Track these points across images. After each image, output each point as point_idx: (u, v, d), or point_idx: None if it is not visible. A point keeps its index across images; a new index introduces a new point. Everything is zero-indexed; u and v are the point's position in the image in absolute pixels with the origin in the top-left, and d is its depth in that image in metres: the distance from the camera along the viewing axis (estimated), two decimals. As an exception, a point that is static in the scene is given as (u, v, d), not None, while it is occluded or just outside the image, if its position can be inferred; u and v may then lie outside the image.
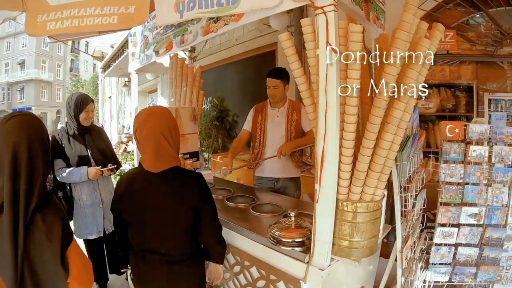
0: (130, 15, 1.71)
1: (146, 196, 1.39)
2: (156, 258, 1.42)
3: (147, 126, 1.37)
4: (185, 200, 1.38)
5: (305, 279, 1.45)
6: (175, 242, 1.44)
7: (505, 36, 2.91)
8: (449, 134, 1.92)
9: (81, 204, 2.36)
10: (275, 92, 2.65)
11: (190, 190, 1.40)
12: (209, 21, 1.92)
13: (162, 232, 1.41)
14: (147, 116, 1.41)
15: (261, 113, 2.81)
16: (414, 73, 1.31)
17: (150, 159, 1.36)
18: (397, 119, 1.35)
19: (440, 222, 1.90)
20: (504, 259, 1.86)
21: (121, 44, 6.43)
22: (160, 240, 1.42)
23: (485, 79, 3.04)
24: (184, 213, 1.39)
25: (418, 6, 1.29)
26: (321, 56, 1.32)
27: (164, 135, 1.36)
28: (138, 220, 1.43)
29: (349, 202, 1.41)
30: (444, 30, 1.52)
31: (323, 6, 1.29)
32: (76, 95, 2.38)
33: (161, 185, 1.38)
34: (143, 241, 1.45)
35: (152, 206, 1.39)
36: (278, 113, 2.74)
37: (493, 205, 1.85)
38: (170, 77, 2.97)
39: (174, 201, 1.38)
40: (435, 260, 1.90)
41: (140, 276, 1.51)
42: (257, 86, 5.32)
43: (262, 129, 2.77)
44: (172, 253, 1.43)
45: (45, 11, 1.73)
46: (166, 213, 1.39)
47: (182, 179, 1.42)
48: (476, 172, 1.89)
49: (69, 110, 2.33)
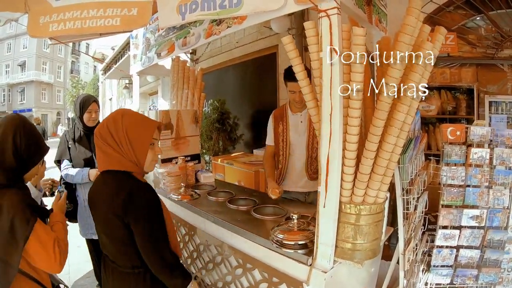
0: (132, 18, 1.72)
1: (91, 197, 1.39)
2: (109, 264, 1.36)
3: None
4: (113, 210, 1.24)
5: (308, 281, 1.45)
6: (118, 250, 1.32)
7: (506, 39, 2.92)
8: (450, 137, 1.93)
9: (85, 204, 2.36)
10: (302, 97, 2.42)
11: (118, 201, 1.23)
12: (212, 23, 1.93)
13: (104, 237, 1.35)
14: None
15: (281, 121, 2.46)
16: (417, 76, 1.32)
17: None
18: (400, 122, 1.36)
19: (442, 224, 1.91)
20: (506, 261, 1.86)
21: (122, 46, 6.45)
22: (106, 246, 1.37)
23: (486, 82, 3.05)
24: (115, 223, 1.25)
25: (420, 9, 1.29)
26: (325, 59, 1.32)
27: (104, 138, 1.31)
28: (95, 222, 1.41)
29: (352, 204, 1.41)
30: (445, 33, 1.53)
31: (326, 9, 1.30)
32: (81, 96, 2.43)
33: (101, 187, 1.35)
34: (100, 244, 1.43)
35: (94, 209, 1.37)
36: (301, 118, 2.38)
37: (494, 207, 1.85)
38: (172, 79, 2.97)
39: (106, 208, 1.27)
40: (436, 262, 1.90)
41: (102, 280, 1.46)
42: (258, 89, 5.35)
43: (284, 141, 2.44)
44: (118, 263, 1.33)
45: (47, 13, 1.74)
46: (104, 220, 1.31)
47: (115, 186, 1.29)
48: (477, 174, 1.89)
49: (76, 112, 2.38)
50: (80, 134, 2.38)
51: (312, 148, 2.34)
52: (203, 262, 2.11)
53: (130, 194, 1.23)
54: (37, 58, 29.22)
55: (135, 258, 1.28)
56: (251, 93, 5.50)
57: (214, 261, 2.01)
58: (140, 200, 1.24)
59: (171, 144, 2.78)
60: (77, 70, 35.23)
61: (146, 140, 1.34)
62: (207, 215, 2.06)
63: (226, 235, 1.90)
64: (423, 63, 1.28)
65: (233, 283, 1.88)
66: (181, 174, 2.64)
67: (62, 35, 1.74)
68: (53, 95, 32.08)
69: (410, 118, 1.40)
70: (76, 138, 2.37)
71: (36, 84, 29.44)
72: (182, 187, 2.44)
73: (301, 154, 2.38)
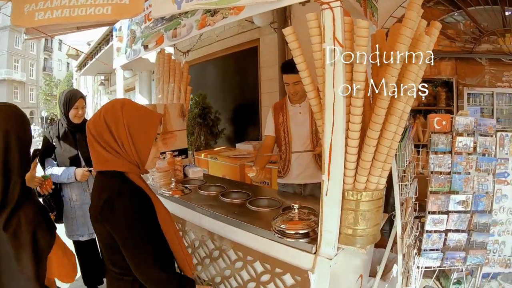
0: (124, 6, 1.64)
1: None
2: (108, 267, 1.24)
3: None
4: (95, 215, 1.13)
5: (313, 269, 1.47)
6: (107, 255, 1.20)
7: (483, 34, 3.10)
8: (437, 126, 2.03)
9: (71, 205, 2.27)
10: (296, 88, 2.31)
11: (98, 205, 1.10)
12: (206, 14, 1.89)
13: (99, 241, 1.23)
14: None
15: (281, 112, 2.48)
16: (415, 67, 1.37)
17: None
18: (400, 111, 1.40)
19: (431, 210, 2.01)
20: (491, 243, 1.99)
21: (98, 41, 6.18)
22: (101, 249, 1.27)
23: (464, 75, 3.22)
24: (99, 228, 1.14)
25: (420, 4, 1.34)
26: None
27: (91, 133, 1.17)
28: None
29: (355, 191, 1.44)
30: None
31: (329, 1, 1.31)
32: (66, 91, 2.31)
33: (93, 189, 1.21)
34: None
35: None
36: (300, 109, 2.42)
37: (479, 193, 1.97)
38: (157, 73, 2.89)
39: (92, 212, 1.15)
40: (427, 246, 2.00)
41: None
42: (239, 83, 5.33)
43: (285, 131, 2.46)
44: (110, 267, 1.21)
45: (32, 1, 1.64)
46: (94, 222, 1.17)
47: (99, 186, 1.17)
48: (463, 161, 2.00)
49: (60, 108, 2.25)
50: (64, 131, 2.26)
51: (317, 140, 2.35)
52: (199, 257, 2.08)
53: (110, 199, 1.08)
54: (8, 55, 27.59)
55: (123, 264, 1.14)
56: (232, 87, 5.47)
57: (211, 256, 1.99)
58: (120, 206, 1.08)
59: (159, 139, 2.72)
60: (50, 67, 33.65)
61: (151, 135, 1.18)
62: (202, 210, 2.03)
63: (224, 228, 1.88)
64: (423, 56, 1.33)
65: (232, 277, 1.87)
66: (170, 170, 2.59)
67: (49, 24, 1.63)
68: (26, 93, 30.42)
69: (409, 107, 1.45)
70: (60, 136, 2.24)
71: (8, 82, 27.86)
72: (173, 182, 2.39)
73: (305, 146, 2.39)
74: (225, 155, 4.03)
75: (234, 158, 3.86)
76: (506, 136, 2.00)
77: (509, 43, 3.13)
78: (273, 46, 4.38)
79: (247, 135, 5.13)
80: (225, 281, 1.93)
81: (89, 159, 2.24)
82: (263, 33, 4.58)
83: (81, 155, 2.29)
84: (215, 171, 4.03)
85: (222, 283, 1.95)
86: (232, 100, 5.49)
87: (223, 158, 3.92)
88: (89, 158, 2.25)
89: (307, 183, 2.44)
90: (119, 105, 1.16)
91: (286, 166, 2.49)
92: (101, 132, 1.14)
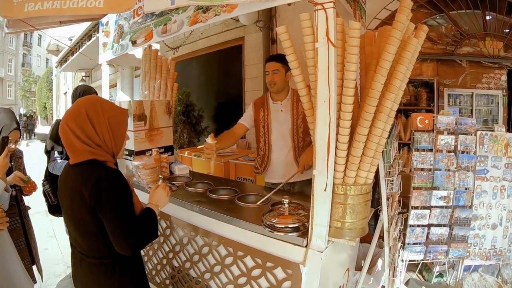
0: (117, 0, 1.63)
1: (61, 188, 1.33)
2: (77, 254, 1.32)
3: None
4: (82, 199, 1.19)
5: (304, 262, 1.50)
6: (85, 241, 1.28)
7: (464, 37, 3.24)
8: (419, 125, 2.11)
9: None
10: (274, 78, 2.30)
11: (86, 187, 1.18)
12: (197, 11, 1.89)
13: (72, 228, 1.31)
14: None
15: (262, 108, 2.45)
16: (403, 68, 1.43)
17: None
18: (388, 109, 1.46)
19: (414, 205, 2.09)
20: (472, 237, 2.09)
21: (80, 36, 6.02)
22: (74, 236, 1.33)
23: (445, 76, 3.36)
24: (83, 212, 1.21)
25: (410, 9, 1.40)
26: (321, 49, 1.38)
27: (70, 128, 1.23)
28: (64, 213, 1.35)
29: (345, 185, 1.49)
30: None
31: (323, 2, 1.35)
32: (80, 86, 2.35)
33: (69, 178, 1.28)
34: (69, 234, 1.40)
35: (62, 199, 1.32)
36: (281, 107, 2.40)
37: (460, 189, 2.07)
38: (144, 69, 2.86)
39: (73, 198, 1.23)
40: (410, 240, 2.08)
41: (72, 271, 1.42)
42: (223, 81, 5.33)
43: (266, 127, 2.43)
44: (85, 253, 1.29)
45: None
46: (71, 210, 1.26)
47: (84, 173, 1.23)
48: (444, 159, 2.09)
49: (73, 101, 2.26)
50: None
51: (298, 138, 2.35)
52: (188, 254, 2.08)
53: (101, 180, 1.19)
54: None
55: (102, 248, 1.24)
56: (216, 85, 5.47)
57: (200, 253, 1.99)
58: (111, 185, 1.20)
59: (145, 136, 2.68)
60: (28, 63, 32.51)
61: (125, 128, 1.37)
62: (191, 206, 2.03)
63: (213, 224, 1.89)
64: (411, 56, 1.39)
65: (222, 272, 1.88)
66: (157, 166, 2.57)
67: (39, 15, 1.59)
68: (4, 90, 29.35)
69: (396, 105, 1.51)
70: None
71: None
72: (160, 179, 2.37)
73: (286, 145, 2.38)
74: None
75: (218, 156, 3.85)
76: (486, 135, 2.10)
77: (489, 46, 3.28)
78: (258, 45, 4.41)
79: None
80: (215, 277, 1.93)
81: None
82: (248, 31, 4.60)
83: None
84: (199, 168, 4.01)
85: (212, 279, 1.95)
86: (215, 97, 5.49)
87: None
88: None
89: (296, 181, 2.42)
90: (97, 102, 1.28)
91: (264, 163, 2.50)
92: (82, 126, 1.23)
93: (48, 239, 3.87)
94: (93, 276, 1.29)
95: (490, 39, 3.27)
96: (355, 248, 2.09)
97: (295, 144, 2.37)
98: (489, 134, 2.15)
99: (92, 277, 1.29)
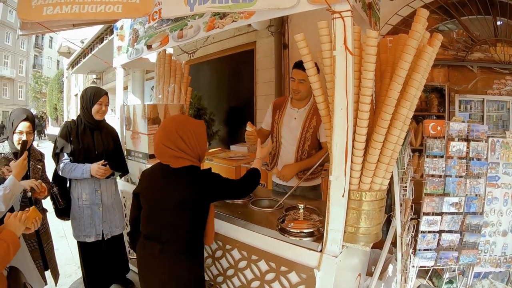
0: (135, 5, 1.64)
1: (159, 187, 1.57)
2: (157, 246, 1.53)
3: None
4: (193, 193, 1.52)
5: (318, 267, 1.52)
6: (176, 231, 1.54)
7: (476, 43, 3.24)
8: (432, 131, 2.12)
9: (79, 204, 2.24)
10: (300, 87, 2.31)
11: (198, 184, 1.54)
12: (214, 16, 1.92)
13: (161, 222, 1.55)
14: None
15: (279, 110, 2.50)
16: (418, 76, 1.45)
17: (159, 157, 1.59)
18: (403, 116, 1.48)
19: (425, 211, 2.09)
20: (482, 243, 2.09)
21: (92, 39, 6.09)
22: (163, 227, 1.55)
23: (456, 82, 3.35)
24: (189, 203, 1.52)
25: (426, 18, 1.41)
26: (339, 57, 1.40)
27: (167, 146, 1.53)
28: (151, 207, 1.61)
29: (360, 191, 1.51)
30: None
31: (341, 11, 1.37)
32: (90, 87, 2.32)
33: (170, 179, 1.56)
34: (149, 225, 1.61)
35: (163, 194, 1.55)
36: (296, 115, 2.40)
37: (471, 195, 2.07)
38: (158, 73, 2.90)
39: (181, 193, 1.52)
40: (421, 246, 2.09)
41: (140, 263, 1.65)
42: (235, 85, 5.35)
43: (277, 129, 2.47)
44: (172, 242, 1.53)
45: None
46: (173, 203, 1.52)
47: (189, 175, 1.55)
48: (456, 165, 2.10)
49: (83, 103, 2.25)
50: (84, 128, 2.25)
51: (302, 151, 2.37)
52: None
53: (208, 174, 1.60)
54: None
55: (189, 237, 1.56)
56: (227, 89, 5.49)
57: (214, 256, 2.01)
58: (216, 175, 1.61)
59: (159, 139, 2.72)
60: (39, 64, 32.95)
61: (206, 136, 1.64)
62: (206, 210, 2.06)
63: (228, 228, 1.91)
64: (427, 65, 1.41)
65: (235, 276, 1.91)
66: (170, 169, 2.60)
67: (57, 19, 1.62)
68: (15, 90, 29.85)
69: (411, 113, 1.53)
70: (79, 132, 2.23)
71: None
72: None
73: (290, 153, 2.41)
74: (221, 157, 4.04)
75: (230, 160, 3.88)
76: (497, 142, 2.11)
77: (500, 52, 3.27)
78: (269, 50, 4.44)
79: (241, 137, 5.16)
80: (228, 281, 1.96)
81: (104, 157, 2.26)
82: (260, 36, 4.63)
83: (97, 153, 2.27)
84: (211, 172, 4.04)
85: (225, 283, 1.98)
86: (226, 101, 5.52)
87: (219, 160, 3.93)
88: (104, 157, 2.27)
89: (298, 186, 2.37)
90: (183, 120, 1.62)
91: (273, 162, 2.56)
92: (175, 142, 1.52)
93: (58, 239, 3.92)
94: (177, 261, 1.53)
95: (501, 45, 3.27)
96: (367, 254, 2.10)
97: (298, 156, 2.39)
98: (500, 141, 2.15)
99: (176, 263, 1.53)
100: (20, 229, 1.41)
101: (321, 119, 2.20)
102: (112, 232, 2.34)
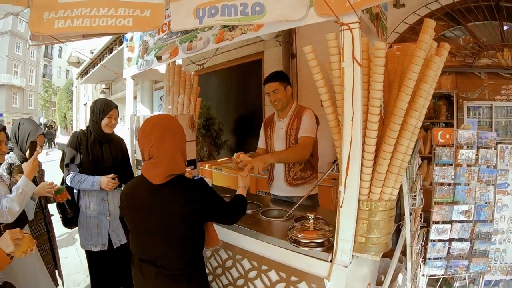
0: (145, 19, 1.67)
1: (144, 205, 1.39)
2: (152, 269, 1.39)
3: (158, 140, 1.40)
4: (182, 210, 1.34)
5: (329, 277, 1.52)
6: (170, 254, 1.39)
7: (483, 49, 3.24)
8: (441, 140, 2.12)
9: (87, 213, 2.27)
10: (276, 96, 2.39)
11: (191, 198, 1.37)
12: (223, 29, 1.95)
13: (159, 240, 1.39)
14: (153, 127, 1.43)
15: (269, 126, 2.59)
16: (426, 86, 1.47)
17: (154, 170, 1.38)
18: (412, 126, 1.49)
19: (435, 219, 2.08)
20: (493, 251, 2.07)
21: (101, 49, 6.19)
22: (155, 250, 1.40)
23: (464, 88, 3.35)
24: (179, 223, 1.35)
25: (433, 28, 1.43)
26: (347, 69, 1.42)
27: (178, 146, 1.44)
28: (137, 229, 1.45)
29: (370, 201, 1.52)
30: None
31: (349, 23, 1.40)
32: (100, 100, 2.35)
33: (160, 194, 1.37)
34: (141, 250, 1.45)
35: (148, 216, 1.37)
36: (282, 124, 2.48)
37: (480, 203, 2.06)
38: (167, 84, 2.94)
39: (169, 211, 1.35)
40: (431, 255, 2.07)
41: (136, 283, 1.49)
42: (243, 95, 5.39)
43: (270, 144, 2.55)
44: (167, 266, 1.38)
45: (52, 9, 1.63)
46: (160, 224, 1.36)
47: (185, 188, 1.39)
48: (465, 173, 2.09)
49: (92, 115, 2.28)
50: (93, 140, 2.28)
51: None
52: (211, 267, 2.12)
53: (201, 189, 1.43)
54: (8, 60, 27.46)
55: (186, 259, 1.40)
56: (235, 99, 5.53)
57: (224, 266, 2.02)
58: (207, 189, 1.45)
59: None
60: (49, 74, 33.69)
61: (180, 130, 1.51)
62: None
63: (238, 238, 1.93)
64: (435, 75, 1.43)
65: (245, 286, 1.91)
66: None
67: (68, 32, 1.66)
68: (25, 99, 30.35)
69: (420, 122, 1.54)
70: (89, 144, 2.26)
71: (7, 87, 27.77)
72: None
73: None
74: (229, 166, 4.08)
75: (238, 170, 3.90)
76: (506, 148, 2.10)
77: (507, 57, 3.26)
78: (277, 59, 4.48)
79: (250, 146, 5.18)
80: (238, 291, 1.97)
81: (112, 170, 2.29)
82: (268, 46, 4.67)
83: (106, 166, 2.30)
84: (219, 181, 4.07)
85: (235, 293, 1.99)
86: (235, 111, 5.55)
87: (228, 170, 3.96)
88: (113, 169, 2.28)
89: (294, 196, 2.47)
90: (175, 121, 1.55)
91: (270, 178, 2.62)
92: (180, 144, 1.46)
93: (68, 248, 3.97)
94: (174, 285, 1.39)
95: (508, 50, 3.26)
96: (376, 263, 2.10)
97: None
98: (509, 147, 2.14)
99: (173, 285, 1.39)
100: (9, 248, 1.35)
101: (300, 120, 2.33)
102: (120, 241, 2.36)
